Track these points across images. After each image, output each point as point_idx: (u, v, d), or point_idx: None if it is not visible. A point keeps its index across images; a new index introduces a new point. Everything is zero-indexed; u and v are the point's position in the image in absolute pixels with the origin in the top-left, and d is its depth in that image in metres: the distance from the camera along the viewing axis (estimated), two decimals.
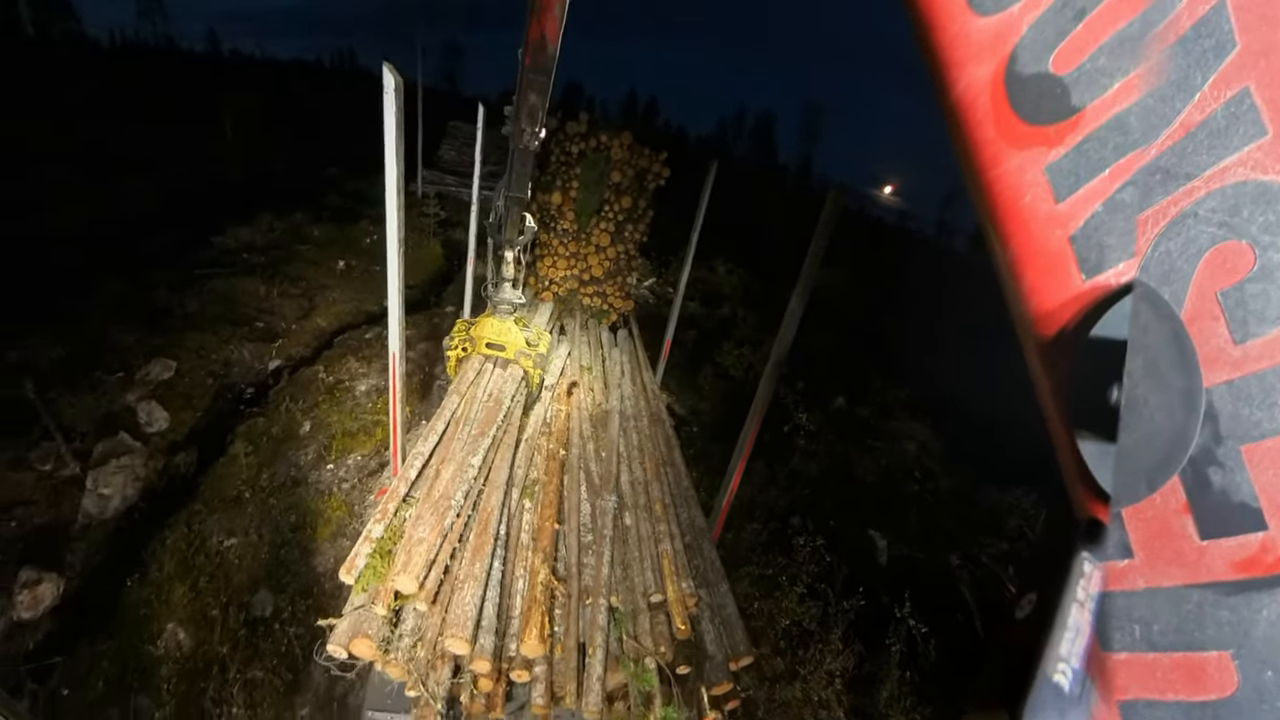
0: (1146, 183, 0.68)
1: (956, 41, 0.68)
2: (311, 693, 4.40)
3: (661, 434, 5.05)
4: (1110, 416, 0.68)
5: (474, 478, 3.52)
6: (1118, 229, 0.69)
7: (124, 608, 4.83)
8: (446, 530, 3.09)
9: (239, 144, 19.52)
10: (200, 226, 11.86)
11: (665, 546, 3.62)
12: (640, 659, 2.98)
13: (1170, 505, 0.69)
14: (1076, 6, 0.66)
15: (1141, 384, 0.68)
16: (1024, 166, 0.70)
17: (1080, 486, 0.74)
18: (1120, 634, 0.72)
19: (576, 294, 7.42)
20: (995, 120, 0.70)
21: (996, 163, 0.71)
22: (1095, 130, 0.68)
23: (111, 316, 8.19)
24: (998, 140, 0.70)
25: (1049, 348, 0.74)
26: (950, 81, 0.71)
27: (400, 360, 3.57)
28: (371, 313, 10.03)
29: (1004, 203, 0.72)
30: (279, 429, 6.86)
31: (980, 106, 0.70)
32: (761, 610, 5.52)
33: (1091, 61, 0.67)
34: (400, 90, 2.96)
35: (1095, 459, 0.71)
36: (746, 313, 13.22)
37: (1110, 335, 0.69)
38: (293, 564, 5.29)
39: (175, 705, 4.17)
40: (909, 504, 8.75)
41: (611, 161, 6.94)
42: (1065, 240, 0.71)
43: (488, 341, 4.80)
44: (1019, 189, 0.71)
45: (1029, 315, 0.75)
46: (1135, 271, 0.69)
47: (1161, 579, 0.70)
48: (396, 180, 3.08)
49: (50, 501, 5.65)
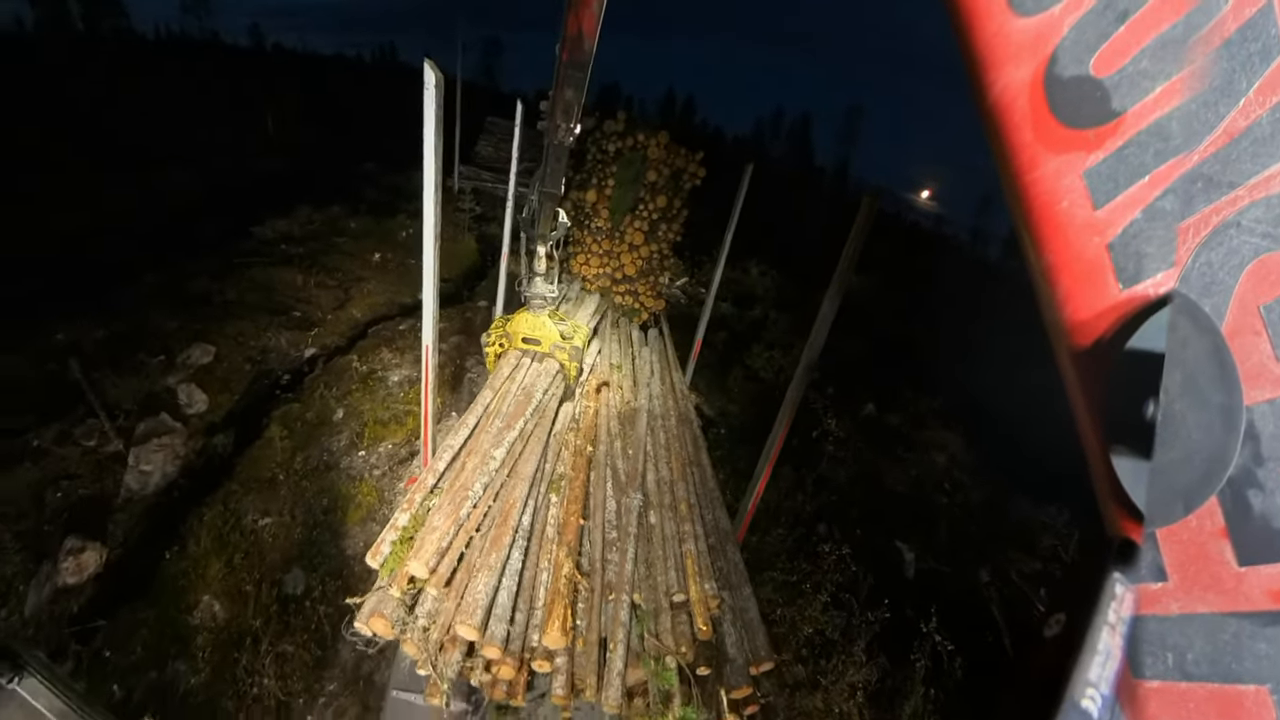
0: (1188, 190, 0.66)
1: (995, 41, 0.67)
2: (339, 669, 4.54)
3: (689, 434, 5.04)
4: (1146, 432, 0.66)
5: (495, 470, 3.59)
6: (1157, 238, 0.67)
7: (163, 578, 5.04)
8: (462, 520, 3.17)
9: (279, 137, 20.10)
10: (240, 217, 12.27)
11: (689, 546, 3.61)
12: (661, 657, 2.98)
13: (1207, 528, 0.67)
14: (1119, 8, 0.64)
15: (1179, 400, 0.66)
16: (1062, 171, 0.68)
17: (1113, 504, 0.71)
18: (1152, 660, 0.70)
19: (609, 292, 7.45)
20: (1033, 123, 0.68)
21: (1034, 166, 0.69)
22: (1136, 135, 0.66)
23: (154, 302, 8.56)
24: (1035, 143, 0.68)
25: (1084, 359, 0.72)
26: (988, 82, 0.69)
27: (433, 352, 3.63)
28: (405, 305, 10.24)
29: (1040, 208, 0.70)
30: (313, 415, 7.07)
31: (1018, 109, 0.68)
32: (784, 617, 5.47)
33: (1134, 64, 0.65)
34: (441, 87, 3.01)
35: (1129, 476, 0.68)
36: (778, 315, 13.10)
37: (1148, 348, 0.67)
38: (324, 545, 5.45)
39: (210, 672, 4.34)
40: (938, 516, 8.57)
41: (648, 160, 6.95)
42: (1103, 248, 0.69)
43: (524, 336, 4.85)
44: (1056, 194, 0.69)
45: (1064, 324, 0.73)
46: (1175, 282, 0.68)
47: (1197, 605, 0.68)
48: (435, 175, 3.13)
49: (94, 476, 5.93)
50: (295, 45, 47.18)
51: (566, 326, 4.91)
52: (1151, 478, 0.67)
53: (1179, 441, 0.66)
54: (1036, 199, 0.70)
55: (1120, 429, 0.69)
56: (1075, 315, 0.72)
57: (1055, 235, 0.70)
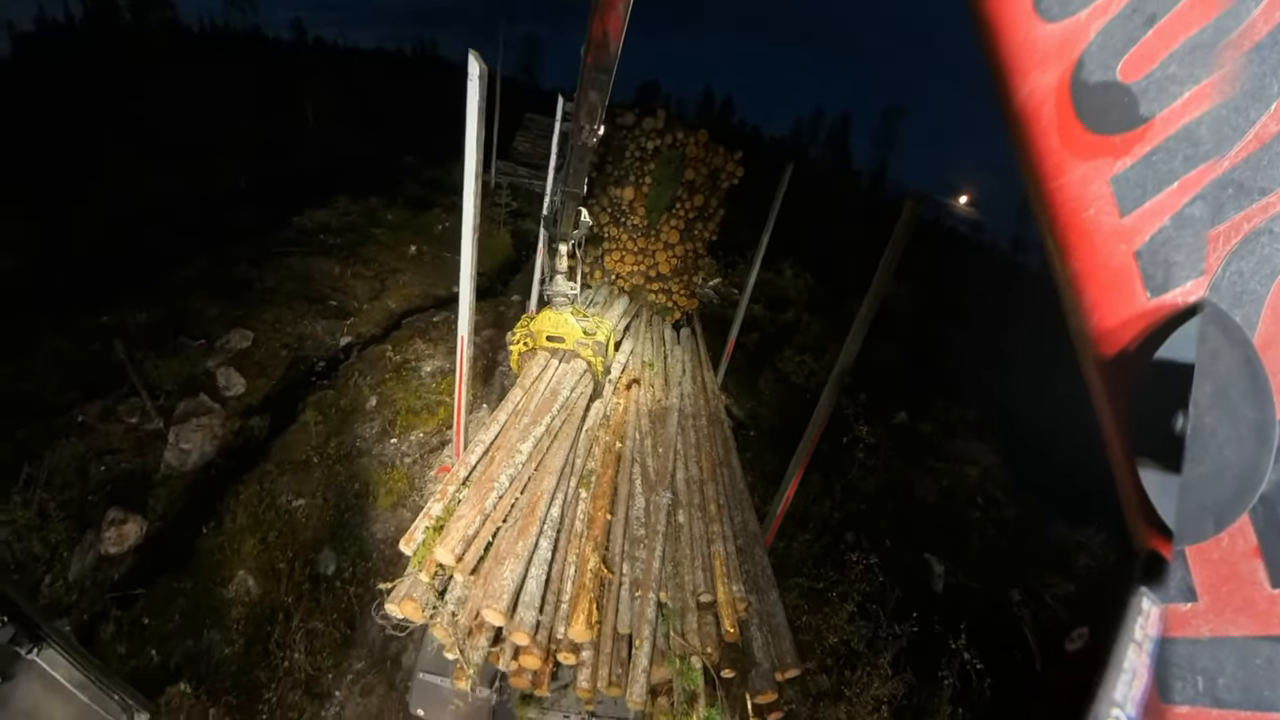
0: (1218, 197, 0.64)
1: (1021, 48, 0.65)
2: (367, 648, 4.62)
3: (720, 434, 4.99)
4: (1174, 445, 0.63)
5: (521, 463, 3.62)
6: (1186, 245, 0.65)
7: (200, 552, 5.20)
8: (489, 510, 3.20)
9: (320, 130, 20.55)
10: (280, 207, 12.62)
11: (718, 547, 3.57)
12: (686, 657, 2.94)
13: (1239, 547, 0.64)
14: (1147, 12, 0.62)
15: (1209, 413, 0.63)
16: (1088, 177, 0.66)
17: (1140, 518, 0.68)
18: (1181, 684, 0.67)
19: (642, 290, 7.43)
20: (1059, 129, 0.66)
21: (1059, 173, 0.67)
22: (1164, 141, 0.64)
23: (196, 288, 8.86)
24: (1061, 150, 0.67)
25: (1110, 368, 0.70)
26: (1013, 88, 0.67)
27: (468, 343, 3.66)
28: (439, 297, 10.38)
29: (1066, 215, 0.68)
30: (347, 402, 7.21)
31: (1044, 115, 0.66)
32: (809, 624, 5.39)
33: (1161, 69, 0.63)
34: (484, 78, 3.02)
35: (1157, 490, 0.65)
36: (811, 318, 12.93)
37: (1176, 358, 0.64)
38: (355, 528, 5.55)
39: (243, 644, 4.46)
40: (970, 531, 8.35)
41: (686, 159, 6.90)
42: (1130, 256, 0.67)
43: (547, 334, 4.85)
44: (1082, 201, 0.67)
45: (1090, 334, 0.71)
46: (1204, 291, 0.65)
47: (1228, 628, 0.65)
48: (476, 165, 3.14)
49: (136, 451, 6.15)
50: (336, 39, 47.97)
51: (589, 323, 4.89)
52: (1180, 493, 0.64)
53: (1209, 456, 0.63)
54: (1062, 205, 0.68)
55: (1147, 441, 0.66)
56: (1102, 324, 0.70)
57: (1082, 242, 0.69)
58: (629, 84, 49.93)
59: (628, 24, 2.83)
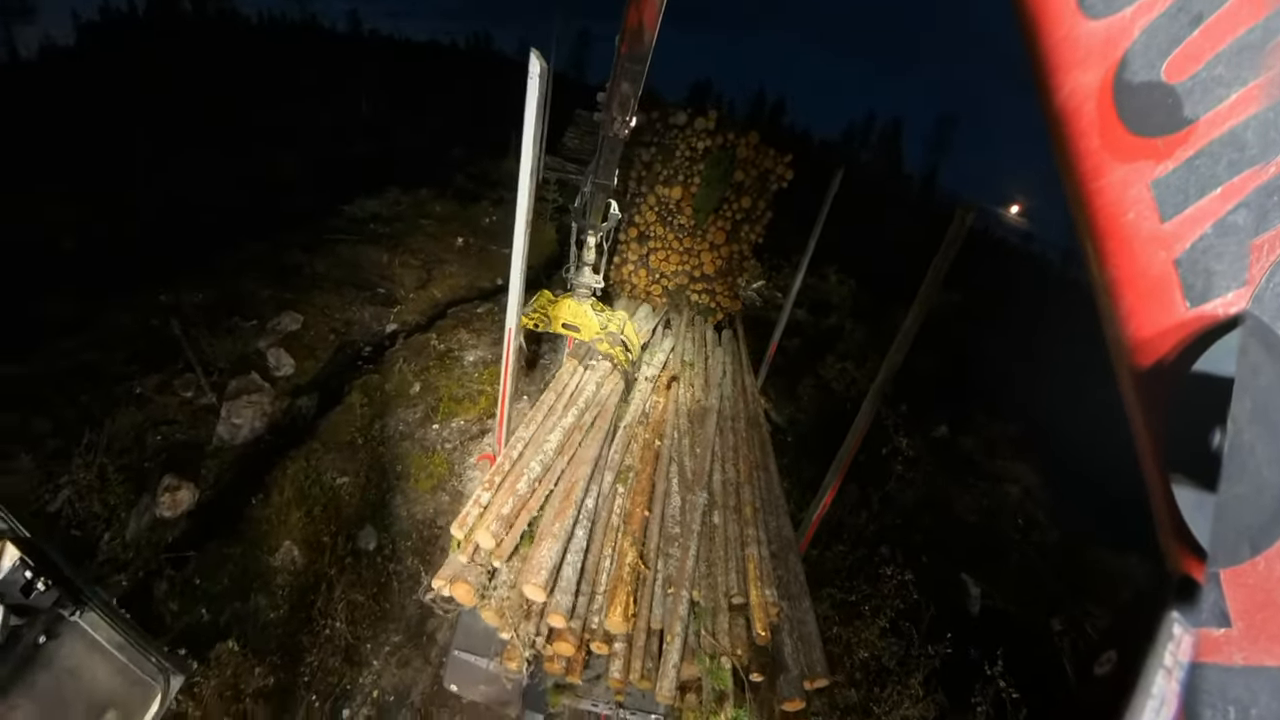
0: (1263, 204, 0.61)
1: (1063, 45, 0.63)
2: (404, 623, 4.78)
3: (758, 438, 4.96)
4: (1211, 463, 0.61)
5: (551, 451, 3.75)
6: (1228, 254, 0.63)
7: (248, 521, 5.44)
8: (523, 496, 3.32)
9: (373, 121, 21.07)
10: (333, 195, 13.02)
11: (751, 550, 3.56)
12: (717, 656, 2.95)
13: (1276, 573, 0.62)
14: (1194, 11, 0.59)
15: (1248, 430, 0.60)
16: (1128, 180, 0.64)
17: (1173, 538, 0.66)
18: (1212, 714, 0.63)
19: (685, 289, 7.43)
20: (1100, 130, 0.64)
21: (1099, 175, 0.65)
22: (1208, 145, 0.62)
23: (250, 271, 9.24)
24: (1101, 151, 0.64)
25: (1146, 380, 0.67)
26: (1054, 86, 0.65)
27: (515, 334, 3.70)
28: (484, 289, 10.56)
29: (1105, 218, 0.66)
30: (391, 387, 7.41)
31: (1085, 114, 0.64)
32: (840, 636, 5.31)
33: (1207, 70, 0.60)
34: (544, 76, 3.04)
35: (1192, 509, 0.63)
36: (854, 325, 12.68)
37: (1215, 371, 0.61)
38: (396, 508, 5.72)
39: (288, 609, 4.66)
40: (1009, 552, 8.08)
41: (736, 160, 6.87)
42: (1169, 263, 0.64)
43: (564, 321, 4.87)
44: (1121, 204, 0.65)
45: (1126, 343, 0.68)
46: (1246, 302, 0.62)
47: (1263, 656, 0.63)
48: (533, 162, 3.17)
49: (190, 423, 6.46)
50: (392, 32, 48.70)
51: (604, 316, 4.90)
52: (1216, 513, 0.61)
53: (1246, 475, 0.60)
54: (1101, 209, 0.66)
55: (1183, 457, 0.64)
56: (1138, 333, 0.67)
57: (1120, 248, 0.66)
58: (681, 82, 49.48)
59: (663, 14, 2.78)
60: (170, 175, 12.76)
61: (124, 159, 13.11)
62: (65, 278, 8.17)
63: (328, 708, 4.18)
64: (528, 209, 3.38)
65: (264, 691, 4.12)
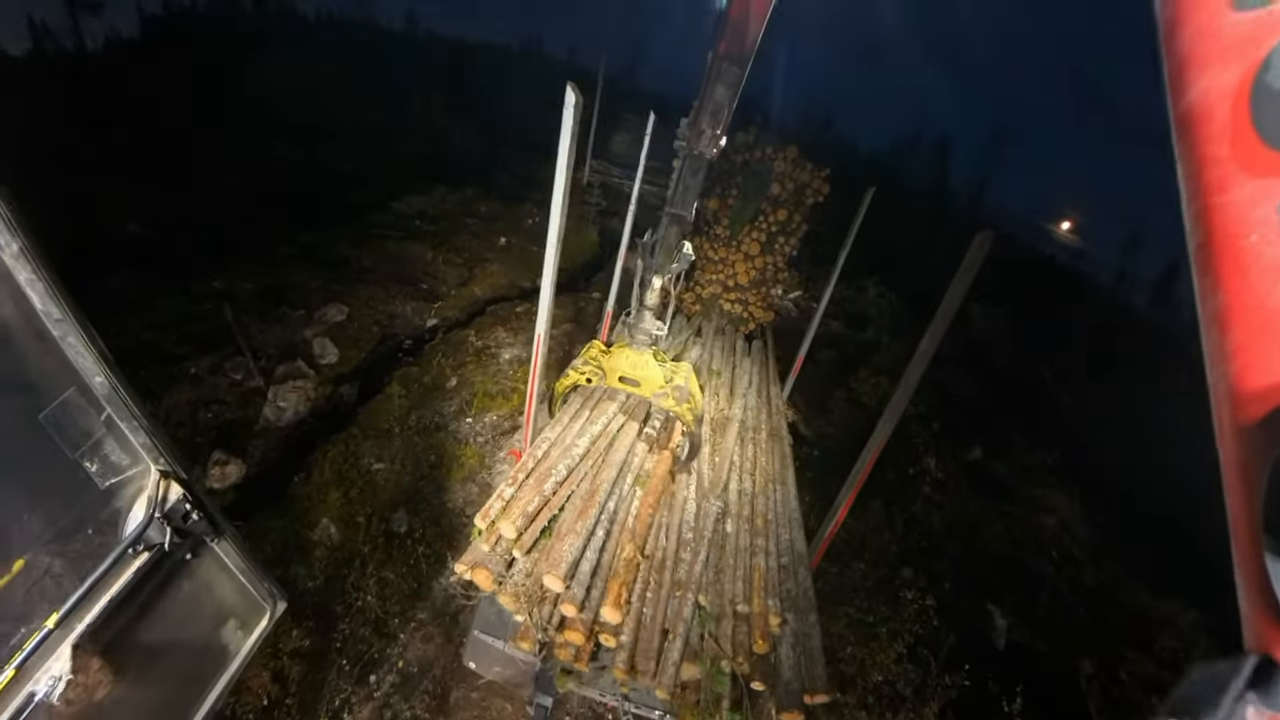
0: None
1: (1202, 35, 0.56)
2: (430, 602, 5.02)
3: (778, 450, 5.00)
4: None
5: (579, 455, 3.91)
6: None
7: (290, 498, 5.76)
8: (547, 494, 3.50)
9: (424, 119, 21.59)
10: (382, 192, 13.44)
11: (759, 561, 3.62)
12: (717, 660, 3.03)
13: None
14: None
15: None
16: (1256, 199, 0.55)
17: (1260, 614, 0.58)
18: None
19: (718, 298, 7.51)
20: (1231, 137, 0.56)
21: (1223, 188, 0.57)
22: None
23: (299, 262, 9.68)
24: (1230, 161, 0.56)
25: (1250, 433, 0.58)
26: (1187, 82, 0.58)
27: (544, 340, 3.84)
28: (524, 288, 10.84)
29: (1223, 238, 0.57)
30: (429, 379, 7.70)
31: (1216, 118, 0.56)
32: (854, 657, 5.26)
33: None
34: (579, 107, 3.00)
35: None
36: (891, 340, 12.48)
37: None
38: (428, 495, 5.97)
39: (324, 581, 4.94)
40: (1040, 586, 7.83)
41: (773, 173, 6.92)
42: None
43: (621, 374, 4.18)
44: (1245, 225, 0.56)
45: (1230, 387, 0.60)
46: None
47: None
48: (565, 183, 3.14)
49: (239, 404, 6.84)
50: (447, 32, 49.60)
51: (667, 369, 4.21)
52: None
53: None
54: (1221, 227, 0.57)
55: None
56: (1246, 377, 0.58)
57: (1236, 274, 0.57)
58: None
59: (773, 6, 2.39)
60: (226, 167, 13.41)
61: (184, 150, 13.84)
62: (128, 260, 8.71)
63: (356, 671, 4.43)
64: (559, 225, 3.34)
65: (300, 652, 4.39)
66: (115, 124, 14.32)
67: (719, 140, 3.19)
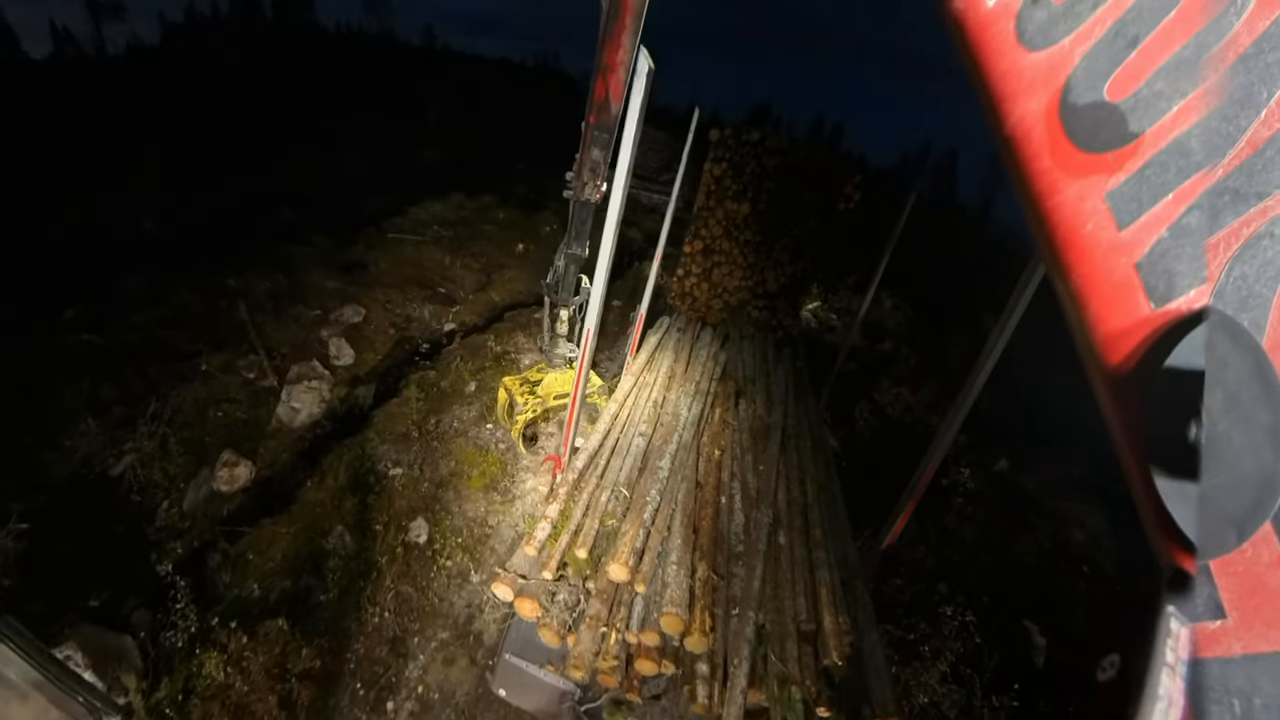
0: (1214, 205, 0.65)
1: (1007, 77, 0.67)
2: (452, 620, 4.73)
3: (823, 459, 4.79)
4: (1191, 455, 0.62)
5: (665, 478, 3.83)
6: (1186, 255, 0.66)
7: (302, 503, 5.54)
8: (647, 523, 3.40)
9: (442, 131, 21.70)
10: (400, 198, 13.38)
11: (823, 575, 3.39)
12: (787, 684, 2.79)
13: (1264, 558, 0.63)
14: (1129, 35, 0.64)
15: (1222, 420, 0.62)
16: (1083, 195, 0.68)
17: (1162, 533, 0.67)
18: (1218, 709, 0.63)
19: (747, 305, 7.33)
20: (1051, 150, 0.68)
21: (1054, 192, 0.69)
22: (1156, 155, 0.65)
23: (317, 264, 9.55)
24: (1054, 170, 0.68)
25: (1120, 381, 0.70)
26: (1003, 115, 0.69)
27: (593, 337, 3.66)
28: (541, 295, 10.60)
29: (1064, 232, 0.70)
30: (448, 384, 7.48)
31: (1035, 138, 0.68)
32: (898, 677, 5.00)
33: (1148, 87, 0.64)
34: (652, 75, 3.04)
35: (1176, 502, 0.64)
36: (909, 351, 12.29)
37: (1185, 366, 0.64)
38: (448, 503, 5.72)
39: (337, 594, 4.68)
40: (1076, 603, 7.55)
41: (805, 181, 6.79)
42: (1130, 268, 0.67)
43: (556, 394, 5.18)
44: (1079, 217, 0.68)
45: (1096, 347, 0.71)
46: (1209, 299, 0.65)
47: (1260, 643, 0.63)
48: (630, 160, 3.14)
49: (251, 404, 6.65)
50: (464, 47, 50.32)
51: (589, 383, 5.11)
52: (1199, 505, 0.63)
53: (1225, 465, 0.62)
54: (1060, 224, 0.70)
55: (1163, 452, 0.65)
56: (1108, 336, 0.70)
57: (1082, 259, 0.69)
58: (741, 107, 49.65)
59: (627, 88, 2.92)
60: (247, 169, 13.39)
61: (203, 153, 13.84)
62: (143, 257, 8.61)
63: (371, 697, 4.14)
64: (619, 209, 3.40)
65: (310, 673, 4.12)
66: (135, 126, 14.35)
67: (600, 189, 3.70)
